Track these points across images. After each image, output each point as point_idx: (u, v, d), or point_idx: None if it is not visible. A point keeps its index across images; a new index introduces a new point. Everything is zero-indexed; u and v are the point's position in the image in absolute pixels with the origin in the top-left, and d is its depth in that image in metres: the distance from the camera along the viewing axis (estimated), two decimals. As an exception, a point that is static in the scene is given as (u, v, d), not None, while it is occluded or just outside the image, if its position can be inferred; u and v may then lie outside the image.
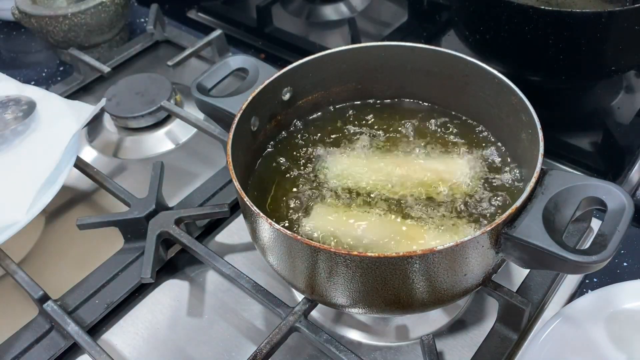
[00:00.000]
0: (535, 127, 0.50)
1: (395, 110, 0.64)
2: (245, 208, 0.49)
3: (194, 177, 0.75)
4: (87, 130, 0.83)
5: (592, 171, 0.71)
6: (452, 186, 0.55)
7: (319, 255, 0.45)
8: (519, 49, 0.70)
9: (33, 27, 0.92)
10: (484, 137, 0.60)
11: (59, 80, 0.94)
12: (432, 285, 0.46)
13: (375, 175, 0.56)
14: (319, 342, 0.52)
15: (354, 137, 0.61)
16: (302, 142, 0.62)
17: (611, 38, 0.65)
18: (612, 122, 0.75)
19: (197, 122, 0.75)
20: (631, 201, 0.44)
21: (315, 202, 0.55)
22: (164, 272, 0.64)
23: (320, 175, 0.58)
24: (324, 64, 0.61)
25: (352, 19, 0.95)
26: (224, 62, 0.65)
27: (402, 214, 0.53)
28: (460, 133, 0.61)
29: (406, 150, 0.59)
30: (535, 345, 0.52)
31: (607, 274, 0.61)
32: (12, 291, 0.63)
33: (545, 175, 0.47)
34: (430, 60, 0.60)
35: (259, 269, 0.63)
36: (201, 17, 1.06)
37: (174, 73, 0.89)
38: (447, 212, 0.53)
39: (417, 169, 0.57)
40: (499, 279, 0.53)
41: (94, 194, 0.74)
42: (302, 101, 0.64)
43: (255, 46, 0.98)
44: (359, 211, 0.53)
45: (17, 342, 0.57)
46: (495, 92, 0.56)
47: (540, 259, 0.44)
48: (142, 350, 0.58)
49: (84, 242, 0.68)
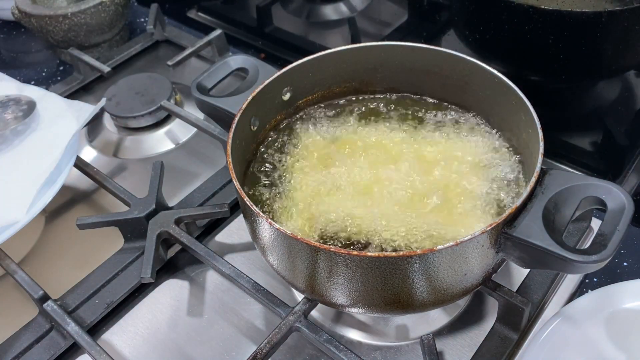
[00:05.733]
0: (535, 127, 0.50)
1: (396, 110, 0.64)
2: (245, 208, 0.49)
3: (194, 177, 0.75)
4: (87, 130, 0.83)
5: (592, 171, 0.71)
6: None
7: (318, 255, 0.45)
8: (519, 49, 0.70)
9: (33, 26, 0.92)
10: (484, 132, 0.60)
11: (59, 80, 0.94)
12: (432, 285, 0.46)
13: (379, 169, 0.57)
14: (319, 341, 0.52)
15: (355, 136, 0.61)
16: (303, 142, 0.61)
17: (611, 38, 0.65)
18: (612, 122, 0.75)
19: (197, 122, 0.75)
20: (631, 201, 0.44)
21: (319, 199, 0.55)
22: (164, 272, 0.64)
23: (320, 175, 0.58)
24: (324, 64, 0.61)
25: (352, 18, 0.95)
26: (224, 62, 0.65)
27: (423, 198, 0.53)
28: (462, 129, 0.61)
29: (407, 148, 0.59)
30: (535, 345, 0.52)
31: (607, 273, 0.61)
32: (12, 291, 0.63)
33: (545, 174, 0.47)
34: (430, 60, 0.60)
35: (259, 269, 0.63)
36: (201, 17, 1.06)
37: (174, 73, 0.89)
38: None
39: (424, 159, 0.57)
40: (499, 278, 0.53)
41: (94, 193, 0.74)
42: (302, 101, 0.64)
43: (255, 46, 0.98)
44: (368, 204, 0.53)
45: (17, 342, 0.57)
46: (495, 92, 0.56)
47: (540, 258, 0.44)
48: (142, 350, 0.58)
49: (84, 242, 0.68)
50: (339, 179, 0.56)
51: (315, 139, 0.61)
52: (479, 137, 0.59)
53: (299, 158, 0.59)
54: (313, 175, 0.57)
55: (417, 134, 0.60)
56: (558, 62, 0.68)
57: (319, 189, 0.56)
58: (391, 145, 0.59)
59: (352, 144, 0.60)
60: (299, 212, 0.54)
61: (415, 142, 0.59)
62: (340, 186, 0.56)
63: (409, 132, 0.61)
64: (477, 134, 0.59)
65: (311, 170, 0.58)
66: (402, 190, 0.54)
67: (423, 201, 0.53)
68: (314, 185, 0.56)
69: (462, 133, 0.60)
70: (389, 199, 0.54)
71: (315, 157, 0.59)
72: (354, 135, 0.61)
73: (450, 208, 0.53)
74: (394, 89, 0.65)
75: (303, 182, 0.57)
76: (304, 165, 0.58)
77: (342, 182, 0.56)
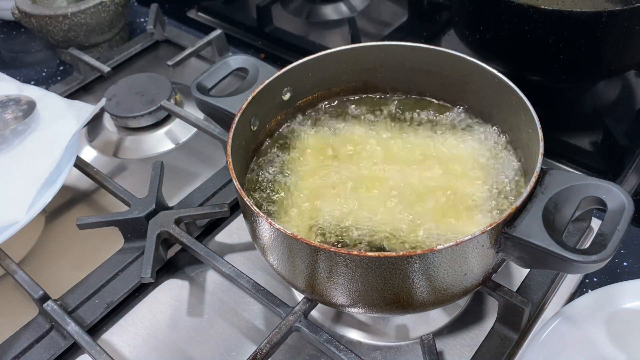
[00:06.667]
0: (535, 127, 0.50)
1: (396, 110, 0.64)
2: (245, 208, 0.49)
3: (194, 177, 0.75)
4: (87, 130, 0.83)
5: (592, 171, 0.71)
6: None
7: (318, 254, 0.45)
8: (519, 49, 0.70)
9: (33, 26, 0.92)
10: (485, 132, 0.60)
11: (59, 80, 0.94)
12: (432, 285, 0.46)
13: (379, 169, 0.57)
14: (319, 341, 0.52)
15: (355, 136, 0.61)
16: (303, 142, 0.61)
17: (611, 38, 0.65)
18: (612, 122, 0.75)
19: (197, 122, 0.75)
20: (631, 201, 0.44)
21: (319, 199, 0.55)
22: (164, 272, 0.64)
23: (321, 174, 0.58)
24: (324, 63, 0.61)
25: (352, 18, 0.95)
26: (224, 62, 0.65)
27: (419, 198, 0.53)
28: (461, 129, 0.61)
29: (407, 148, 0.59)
30: (535, 345, 0.52)
31: (607, 273, 0.61)
32: (12, 291, 0.63)
33: (545, 174, 0.47)
34: (430, 60, 0.60)
35: (259, 269, 0.63)
36: (201, 17, 1.06)
37: (174, 73, 0.89)
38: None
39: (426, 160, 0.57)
40: (499, 278, 0.53)
41: (94, 193, 0.74)
42: (302, 101, 0.64)
43: (255, 46, 0.98)
44: (368, 203, 0.53)
45: (17, 342, 0.57)
46: (495, 92, 0.56)
47: (540, 258, 0.44)
48: (142, 350, 0.58)
49: (84, 242, 0.68)
50: (339, 179, 0.56)
51: (315, 139, 0.61)
52: (478, 137, 0.59)
53: (298, 158, 0.59)
54: (313, 175, 0.57)
55: (417, 134, 0.60)
56: (558, 62, 0.68)
57: (319, 188, 0.56)
58: (391, 145, 0.59)
59: (352, 144, 0.60)
60: (299, 212, 0.54)
61: (415, 142, 0.59)
62: (340, 186, 0.56)
63: (408, 132, 0.61)
64: (477, 134, 0.59)
65: (311, 170, 0.58)
66: (402, 190, 0.54)
67: (423, 201, 0.53)
68: (314, 185, 0.56)
69: (462, 133, 0.60)
70: (389, 199, 0.54)
71: (315, 157, 0.59)
72: (353, 135, 0.61)
73: (450, 208, 0.53)
74: (394, 89, 0.65)
75: (303, 182, 0.57)
76: (304, 165, 0.58)
77: (342, 182, 0.56)
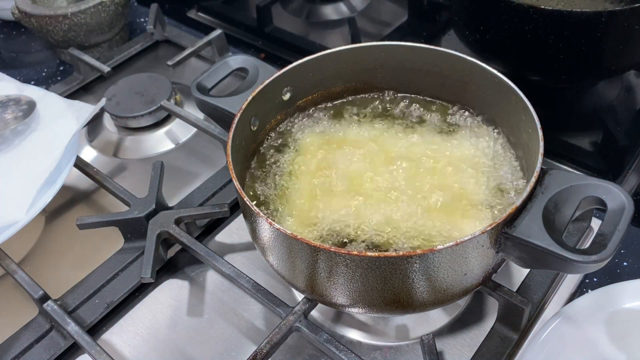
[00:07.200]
0: (535, 127, 0.50)
1: (396, 110, 0.64)
2: (245, 208, 0.49)
3: (194, 177, 0.75)
4: (87, 130, 0.83)
5: (592, 171, 0.71)
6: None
7: (318, 255, 0.45)
8: (519, 49, 0.70)
9: (33, 26, 0.92)
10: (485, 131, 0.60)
11: (59, 80, 0.94)
12: (432, 285, 0.46)
13: (379, 169, 0.57)
14: (319, 341, 0.52)
15: (355, 136, 0.61)
16: (303, 142, 0.61)
17: (611, 38, 0.65)
18: (612, 122, 0.75)
19: (197, 122, 0.75)
20: (631, 201, 0.44)
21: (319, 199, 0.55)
22: (164, 272, 0.64)
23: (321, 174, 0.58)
24: (324, 64, 0.61)
25: (352, 18, 0.95)
26: (224, 62, 0.65)
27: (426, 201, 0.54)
28: (461, 129, 0.61)
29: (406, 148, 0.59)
30: (535, 345, 0.52)
31: (607, 273, 0.61)
32: (12, 291, 0.63)
33: (545, 174, 0.47)
34: (430, 60, 0.60)
35: (259, 269, 0.63)
36: (201, 17, 1.06)
37: (174, 73, 0.89)
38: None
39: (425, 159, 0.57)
40: (499, 278, 0.53)
41: (94, 193, 0.74)
42: (302, 101, 0.64)
43: (255, 46, 0.98)
44: (368, 203, 0.53)
45: (17, 342, 0.57)
46: (495, 92, 0.56)
47: (540, 258, 0.44)
48: (142, 350, 0.58)
49: (84, 242, 0.68)
50: (339, 179, 0.56)
51: (315, 139, 0.61)
52: (478, 137, 0.59)
53: (298, 158, 0.59)
54: (313, 175, 0.57)
55: (417, 134, 0.60)
56: (558, 62, 0.68)
57: (319, 188, 0.56)
58: (391, 145, 0.59)
59: (352, 144, 0.60)
60: (299, 212, 0.54)
61: (415, 142, 0.59)
62: (340, 186, 0.56)
63: (408, 132, 0.61)
64: (477, 134, 0.59)
65: (311, 170, 0.58)
66: (402, 190, 0.54)
67: (423, 201, 0.53)
68: (314, 185, 0.56)
69: (462, 133, 0.60)
70: (388, 199, 0.54)
71: (315, 157, 0.59)
72: (353, 135, 0.61)
73: (450, 208, 0.53)
74: (394, 89, 0.65)
75: (303, 181, 0.57)
76: (304, 165, 0.58)
77: (342, 182, 0.56)
